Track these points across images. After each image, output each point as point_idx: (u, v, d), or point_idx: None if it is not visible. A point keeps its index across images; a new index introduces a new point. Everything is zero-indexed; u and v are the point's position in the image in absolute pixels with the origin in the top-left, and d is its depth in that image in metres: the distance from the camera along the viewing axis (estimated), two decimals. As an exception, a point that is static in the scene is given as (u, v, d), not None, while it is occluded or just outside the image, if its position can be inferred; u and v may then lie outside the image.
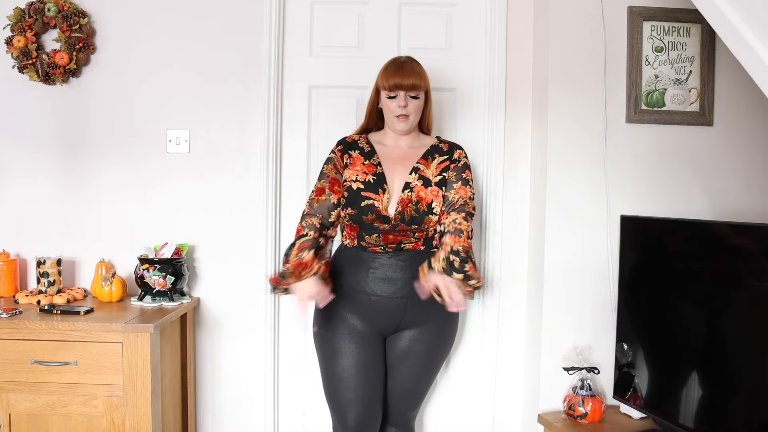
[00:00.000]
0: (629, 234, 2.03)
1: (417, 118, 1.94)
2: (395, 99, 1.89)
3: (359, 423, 1.89)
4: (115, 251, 2.31)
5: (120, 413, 1.89)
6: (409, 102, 1.89)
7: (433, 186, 1.91)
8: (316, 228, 1.89)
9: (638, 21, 2.13)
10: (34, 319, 1.90)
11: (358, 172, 1.92)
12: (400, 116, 1.90)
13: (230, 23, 2.30)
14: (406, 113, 1.89)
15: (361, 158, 1.95)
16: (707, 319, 1.78)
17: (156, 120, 2.31)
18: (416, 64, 1.94)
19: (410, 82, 1.87)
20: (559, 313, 2.16)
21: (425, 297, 1.79)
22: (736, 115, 2.18)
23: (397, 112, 1.89)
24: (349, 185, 1.91)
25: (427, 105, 1.99)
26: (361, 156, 1.95)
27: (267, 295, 2.31)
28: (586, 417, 2.00)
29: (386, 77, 1.90)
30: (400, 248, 1.90)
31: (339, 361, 1.90)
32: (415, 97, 1.90)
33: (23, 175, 2.31)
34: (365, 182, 1.90)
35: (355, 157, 1.95)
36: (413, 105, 1.90)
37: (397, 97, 1.89)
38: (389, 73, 1.90)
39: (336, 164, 1.96)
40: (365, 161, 1.94)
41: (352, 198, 1.88)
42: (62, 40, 2.23)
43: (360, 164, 1.93)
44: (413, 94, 1.89)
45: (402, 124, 1.91)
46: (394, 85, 1.87)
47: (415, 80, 1.88)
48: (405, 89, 1.87)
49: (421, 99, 1.92)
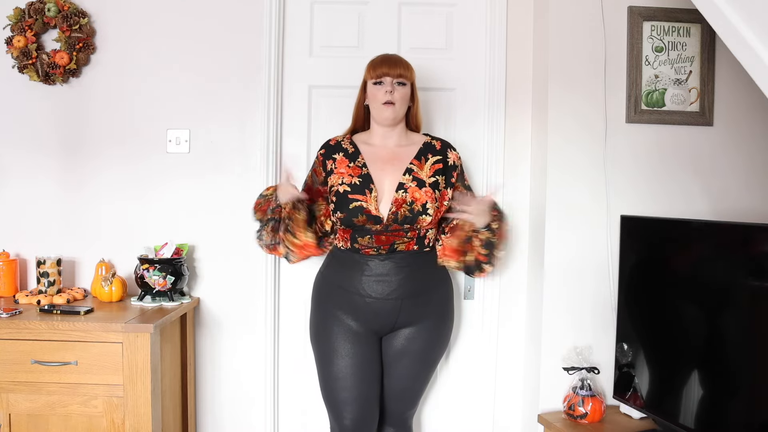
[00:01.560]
0: (629, 234, 2.03)
1: (403, 109, 1.95)
2: (382, 85, 1.91)
3: (356, 422, 1.90)
4: (115, 251, 2.31)
5: (120, 413, 1.89)
6: (395, 89, 1.91)
7: (426, 187, 1.92)
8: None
9: (638, 21, 2.13)
10: (34, 319, 1.90)
11: (343, 175, 1.93)
12: (387, 103, 1.90)
13: (230, 23, 2.30)
14: (392, 100, 1.90)
15: (346, 160, 1.96)
16: (707, 319, 1.78)
17: (156, 120, 2.31)
18: (402, 57, 1.98)
19: (397, 71, 1.91)
20: (559, 313, 2.17)
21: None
22: (736, 115, 2.18)
23: (383, 98, 1.90)
24: (336, 189, 1.92)
25: (414, 101, 2.00)
26: (345, 158, 1.96)
27: (267, 295, 2.32)
28: (586, 417, 2.00)
29: (373, 68, 1.94)
30: (393, 249, 1.91)
31: (335, 361, 1.91)
32: (402, 83, 1.92)
33: (23, 175, 2.31)
34: (351, 184, 1.90)
35: (339, 160, 1.96)
36: (399, 92, 1.91)
37: (383, 83, 1.91)
38: (375, 63, 1.94)
39: (316, 170, 2.01)
40: (350, 163, 1.95)
41: (340, 201, 1.89)
42: (62, 40, 2.23)
43: (345, 167, 1.94)
44: (400, 81, 1.91)
45: (388, 111, 1.91)
46: (381, 73, 1.91)
47: (402, 69, 1.91)
48: (392, 76, 1.90)
49: (408, 88, 1.94)
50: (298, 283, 2.35)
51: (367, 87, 1.96)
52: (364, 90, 1.99)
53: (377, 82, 1.92)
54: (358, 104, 2.04)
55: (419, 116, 2.06)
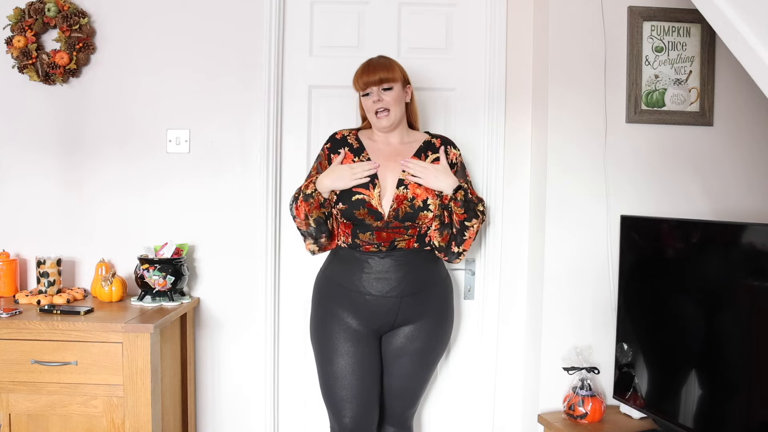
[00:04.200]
0: (629, 234, 2.03)
1: (399, 111, 1.95)
2: (369, 96, 1.92)
3: (355, 421, 1.90)
4: (115, 251, 2.32)
5: (120, 413, 1.89)
6: (382, 95, 1.91)
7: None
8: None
9: (638, 21, 2.13)
10: (34, 319, 1.90)
11: None
12: (379, 111, 1.91)
13: (230, 23, 2.30)
14: (383, 106, 1.91)
15: (351, 155, 1.97)
16: (707, 319, 1.78)
17: (156, 120, 2.31)
18: (385, 58, 1.97)
19: (376, 77, 1.90)
20: (559, 313, 2.17)
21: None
22: (736, 115, 2.18)
23: (373, 108, 1.92)
24: None
25: (411, 98, 2.01)
26: (350, 153, 1.97)
27: (267, 294, 2.32)
28: (586, 417, 2.00)
29: (356, 80, 1.95)
30: (393, 247, 1.91)
31: (335, 360, 1.91)
32: (389, 88, 1.92)
33: (24, 175, 2.31)
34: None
35: (345, 154, 1.96)
36: (389, 97, 1.91)
37: (370, 93, 1.92)
38: (358, 74, 1.95)
39: (321, 163, 2.00)
40: (354, 158, 1.96)
41: (343, 193, 1.89)
42: (62, 40, 2.23)
43: (350, 161, 1.95)
44: (385, 86, 1.91)
45: (384, 119, 1.93)
46: (363, 84, 1.92)
47: (382, 74, 1.91)
48: (375, 84, 1.90)
49: (397, 90, 1.93)
50: (298, 282, 2.35)
51: (360, 99, 1.99)
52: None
53: (365, 94, 1.94)
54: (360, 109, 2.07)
55: (417, 114, 2.07)
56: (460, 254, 1.95)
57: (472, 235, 1.92)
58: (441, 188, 1.89)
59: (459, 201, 1.88)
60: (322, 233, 1.95)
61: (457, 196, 1.88)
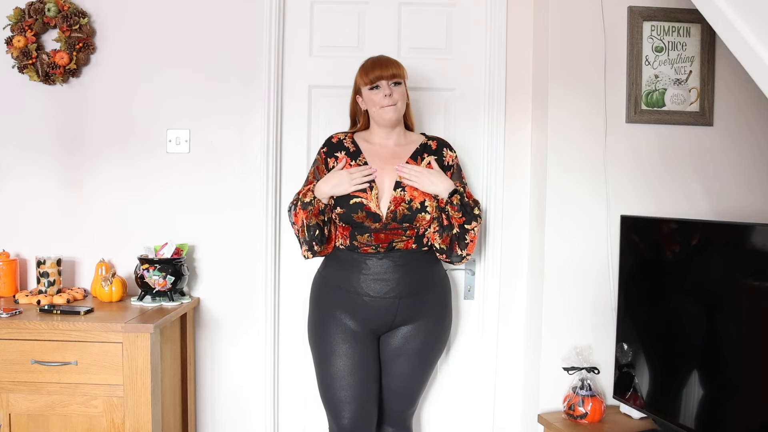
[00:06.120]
0: (629, 234, 2.03)
1: (404, 106, 1.96)
2: (379, 90, 1.91)
3: (354, 422, 1.90)
4: (115, 251, 2.32)
5: (120, 413, 1.89)
6: (393, 90, 1.91)
7: None
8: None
9: (638, 21, 2.13)
10: (34, 319, 1.90)
11: None
12: (388, 105, 1.91)
13: (230, 23, 2.30)
14: (392, 102, 1.91)
15: (348, 158, 1.97)
16: (707, 319, 1.78)
17: (156, 120, 2.31)
18: (391, 57, 1.98)
19: (390, 72, 1.91)
20: (559, 313, 2.17)
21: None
22: (736, 115, 2.18)
23: (383, 102, 1.91)
24: None
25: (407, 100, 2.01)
26: (347, 156, 1.96)
27: (267, 294, 2.32)
28: (586, 417, 2.00)
29: (365, 73, 1.93)
30: (391, 248, 1.91)
31: (333, 360, 1.91)
32: (399, 83, 1.92)
33: (23, 175, 2.31)
34: None
35: (341, 158, 1.96)
36: (398, 92, 1.92)
37: (380, 87, 1.91)
38: (367, 68, 1.94)
39: (318, 168, 1.99)
40: (351, 162, 1.96)
41: (341, 197, 1.89)
42: (62, 40, 2.23)
43: (347, 165, 1.94)
44: (395, 81, 1.92)
45: (391, 112, 1.92)
46: (375, 77, 1.90)
47: (395, 69, 1.92)
48: (387, 78, 1.90)
49: (404, 86, 1.94)
50: (298, 282, 2.35)
51: (363, 93, 1.95)
52: (356, 95, 2.00)
53: (373, 87, 1.92)
54: (351, 107, 2.05)
55: (412, 115, 2.07)
56: (463, 257, 1.95)
57: (474, 237, 1.92)
58: (437, 192, 1.89)
59: (456, 205, 1.88)
60: (318, 241, 1.92)
61: (453, 200, 1.88)
